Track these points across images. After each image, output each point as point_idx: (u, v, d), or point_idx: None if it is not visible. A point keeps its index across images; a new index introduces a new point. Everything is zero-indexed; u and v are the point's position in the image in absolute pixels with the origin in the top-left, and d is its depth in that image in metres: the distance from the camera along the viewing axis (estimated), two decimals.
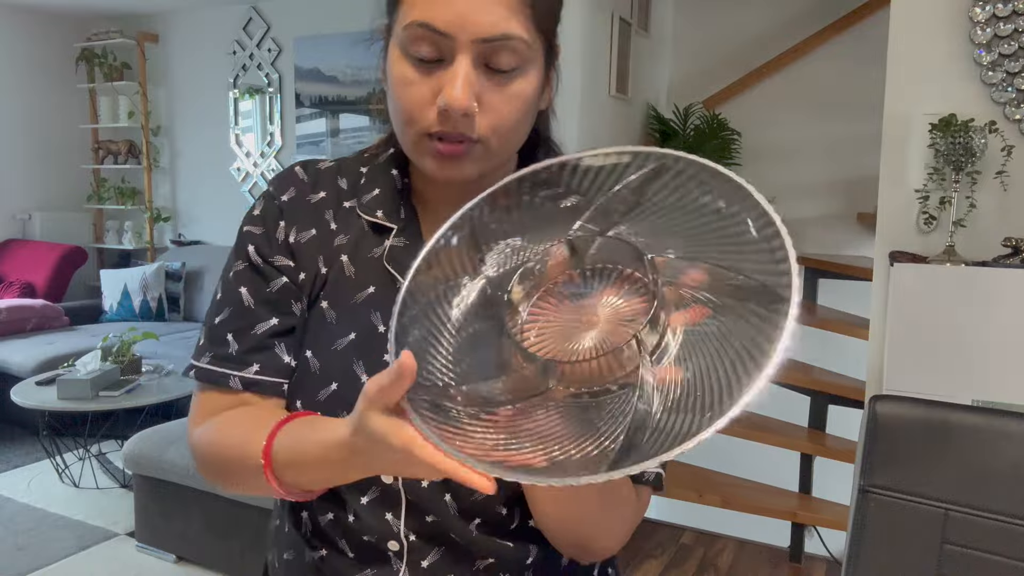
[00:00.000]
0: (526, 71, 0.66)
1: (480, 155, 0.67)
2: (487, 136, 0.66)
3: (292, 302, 0.73)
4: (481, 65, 0.64)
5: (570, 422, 0.55)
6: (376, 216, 0.74)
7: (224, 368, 0.72)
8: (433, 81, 0.64)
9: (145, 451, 2.71)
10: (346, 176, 0.78)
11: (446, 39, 0.62)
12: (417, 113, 0.65)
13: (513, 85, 0.66)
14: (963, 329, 1.90)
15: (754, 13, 3.70)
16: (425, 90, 0.65)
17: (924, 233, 2.08)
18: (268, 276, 0.73)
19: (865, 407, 1.58)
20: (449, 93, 0.63)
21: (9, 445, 3.90)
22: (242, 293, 0.73)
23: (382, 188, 0.76)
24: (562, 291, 0.61)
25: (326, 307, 0.73)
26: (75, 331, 4.48)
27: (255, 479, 0.65)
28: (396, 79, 0.66)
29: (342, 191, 0.77)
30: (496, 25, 0.62)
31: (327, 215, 0.75)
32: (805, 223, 3.62)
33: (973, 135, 1.92)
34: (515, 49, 0.64)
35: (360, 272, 0.73)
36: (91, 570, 2.74)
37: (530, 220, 0.64)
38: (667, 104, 3.81)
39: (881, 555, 1.48)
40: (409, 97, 0.65)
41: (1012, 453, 1.43)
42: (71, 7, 5.10)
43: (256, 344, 0.72)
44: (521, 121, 0.68)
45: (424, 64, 0.64)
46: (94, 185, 5.54)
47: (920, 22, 2.06)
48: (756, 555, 2.96)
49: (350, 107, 4.65)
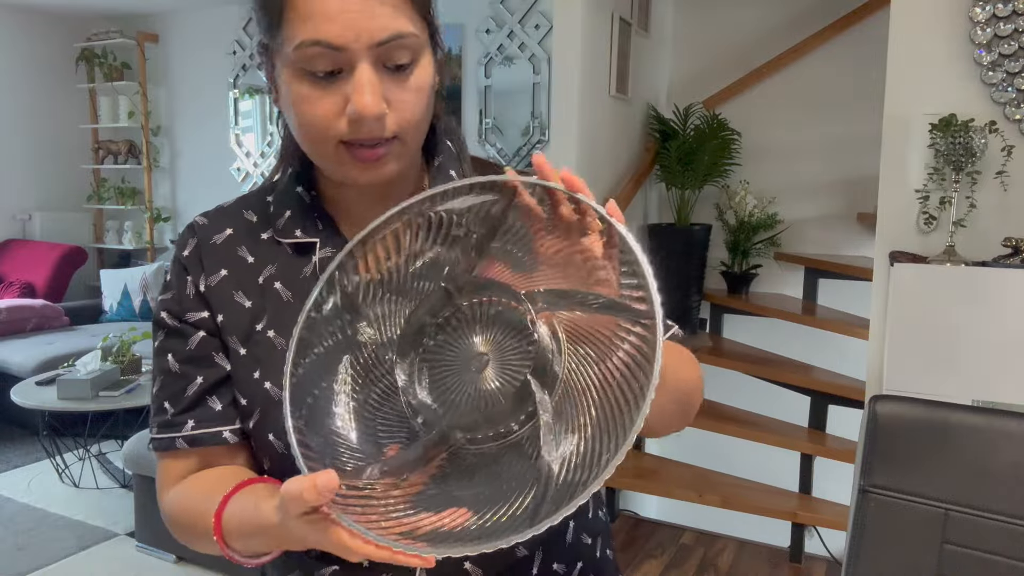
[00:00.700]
0: (420, 61, 0.67)
1: (399, 152, 0.68)
2: (401, 132, 0.67)
3: (213, 354, 0.75)
4: (379, 65, 0.65)
5: (484, 476, 0.55)
6: (295, 236, 0.75)
7: (168, 433, 0.74)
8: (335, 93, 0.65)
9: (145, 451, 2.70)
10: (253, 208, 0.79)
11: (341, 52, 0.63)
12: (326, 126, 0.66)
13: (412, 78, 0.67)
14: (963, 329, 1.90)
15: (754, 13, 3.70)
16: (329, 103, 0.65)
17: (924, 233, 2.08)
18: (185, 334, 0.75)
19: (865, 407, 1.58)
20: (359, 101, 0.63)
21: (9, 445, 3.90)
22: (168, 360, 0.75)
23: (292, 208, 0.76)
24: (445, 339, 0.61)
25: (272, 336, 0.73)
26: (75, 331, 4.48)
27: (213, 545, 0.67)
28: (296, 98, 0.66)
29: (251, 224, 0.77)
30: (386, 28, 0.63)
31: (240, 251, 0.76)
32: (805, 223, 3.62)
33: (973, 135, 1.92)
34: (408, 44, 0.65)
35: (297, 295, 0.73)
36: (91, 570, 2.74)
37: (399, 276, 0.65)
38: (667, 104, 3.81)
39: (881, 555, 1.48)
40: (315, 113, 0.65)
41: (1012, 453, 1.43)
42: (71, 7, 5.10)
43: (188, 404, 0.74)
44: (427, 109, 0.69)
45: (322, 79, 0.65)
46: (94, 185, 5.54)
47: (920, 22, 2.06)
48: (756, 555, 2.96)
49: None
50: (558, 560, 0.77)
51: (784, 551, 2.95)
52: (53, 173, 5.36)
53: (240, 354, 0.74)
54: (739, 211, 3.53)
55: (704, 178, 3.46)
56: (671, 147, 3.41)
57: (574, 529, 0.79)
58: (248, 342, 0.74)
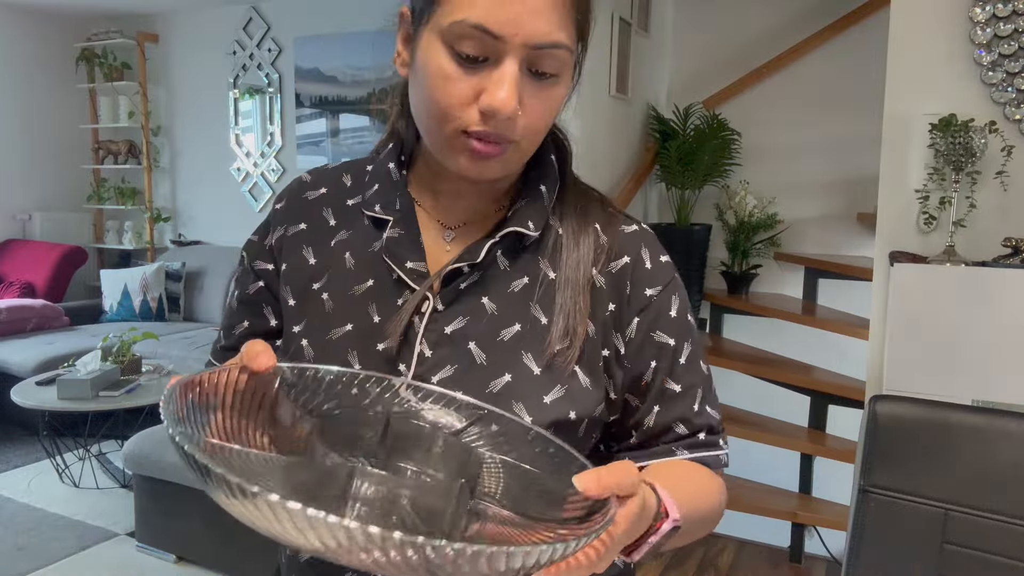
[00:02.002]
0: (563, 77, 0.67)
1: (513, 156, 0.68)
2: (523, 138, 0.67)
3: (264, 305, 0.80)
4: (524, 67, 0.64)
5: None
6: (375, 210, 0.75)
7: (213, 359, 0.84)
8: (475, 79, 0.63)
9: (145, 451, 2.71)
10: (352, 174, 0.81)
11: (498, 41, 0.62)
12: (456, 110, 0.64)
13: (552, 90, 0.66)
14: (963, 329, 1.90)
15: (754, 13, 3.70)
16: (466, 87, 0.64)
17: (924, 233, 2.08)
18: (250, 279, 0.81)
19: (865, 407, 1.58)
20: (497, 96, 0.62)
21: (9, 445, 3.90)
22: (235, 294, 0.82)
23: (381, 183, 0.77)
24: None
25: (326, 298, 0.75)
26: (75, 331, 4.48)
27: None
28: (434, 72, 0.64)
29: (345, 188, 0.79)
30: (550, 34, 0.63)
31: (324, 212, 0.79)
32: (805, 223, 3.62)
33: (973, 135, 1.92)
34: (560, 57, 0.64)
35: (360, 265, 0.75)
36: (91, 570, 2.74)
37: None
38: (667, 104, 3.81)
39: (881, 555, 1.48)
40: (449, 93, 0.64)
41: (1012, 453, 1.43)
42: (71, 7, 5.10)
43: (233, 343, 0.82)
44: (551, 123, 0.70)
45: (467, 61, 0.63)
46: (94, 185, 5.54)
47: (920, 22, 2.06)
48: (756, 555, 2.96)
49: (350, 107, 4.65)
50: None
51: (784, 551, 2.96)
52: (53, 173, 5.36)
53: (290, 305, 0.77)
54: (739, 211, 3.53)
55: (704, 178, 3.46)
56: (671, 147, 3.42)
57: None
58: (301, 297, 0.76)
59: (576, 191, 0.78)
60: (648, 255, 0.76)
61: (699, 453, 0.75)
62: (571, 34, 0.65)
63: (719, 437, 0.77)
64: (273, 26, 4.84)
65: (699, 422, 0.76)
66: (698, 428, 0.76)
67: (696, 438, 0.76)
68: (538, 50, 0.63)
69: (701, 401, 0.76)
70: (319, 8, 4.62)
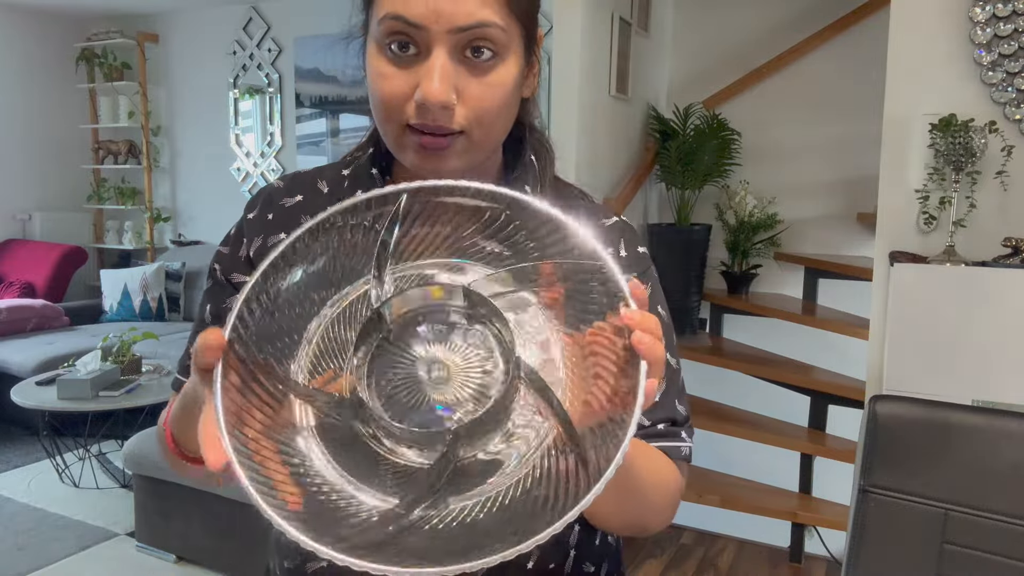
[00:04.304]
0: (504, 58, 0.65)
1: (463, 147, 0.67)
2: (469, 127, 0.65)
3: None
4: (458, 55, 0.63)
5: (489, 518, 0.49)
6: None
7: (183, 376, 0.78)
8: (410, 74, 0.64)
9: (145, 451, 2.71)
10: (327, 180, 0.78)
11: (420, 31, 0.62)
12: (395, 107, 0.65)
13: (492, 74, 0.65)
14: (963, 329, 1.90)
15: (754, 13, 3.70)
16: (402, 83, 0.64)
17: (924, 233, 2.08)
18: (226, 293, 0.76)
19: (865, 407, 1.58)
20: (426, 86, 0.62)
21: (9, 445, 3.90)
22: (206, 309, 0.78)
23: (363, 188, 0.75)
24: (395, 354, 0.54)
25: None
26: (75, 331, 4.48)
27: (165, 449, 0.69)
28: (373, 73, 0.66)
29: (322, 194, 0.77)
30: (471, 14, 0.62)
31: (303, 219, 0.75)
32: (805, 223, 3.62)
33: (973, 135, 1.92)
34: (491, 37, 0.63)
35: None
36: (91, 570, 2.74)
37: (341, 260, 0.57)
38: (667, 104, 3.80)
39: (881, 555, 1.48)
40: (386, 91, 0.65)
41: (1012, 453, 1.43)
42: (71, 7, 5.10)
43: None
44: (503, 110, 0.67)
45: (400, 57, 0.64)
46: (94, 185, 5.54)
47: (920, 22, 2.06)
48: (756, 555, 2.96)
49: (350, 107, 4.65)
50: None
51: (784, 551, 2.95)
52: (53, 173, 5.36)
53: None
54: (739, 211, 3.53)
55: (704, 178, 3.46)
56: (671, 147, 3.41)
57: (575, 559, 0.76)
58: None
59: (556, 189, 0.79)
60: (624, 244, 0.77)
61: (655, 443, 0.73)
62: (499, 11, 0.63)
63: (681, 430, 0.75)
64: (273, 26, 4.84)
65: (660, 414, 0.74)
66: (658, 419, 0.74)
67: (655, 428, 0.74)
68: (464, 32, 0.62)
69: (664, 393, 0.74)
70: (319, 8, 4.62)
